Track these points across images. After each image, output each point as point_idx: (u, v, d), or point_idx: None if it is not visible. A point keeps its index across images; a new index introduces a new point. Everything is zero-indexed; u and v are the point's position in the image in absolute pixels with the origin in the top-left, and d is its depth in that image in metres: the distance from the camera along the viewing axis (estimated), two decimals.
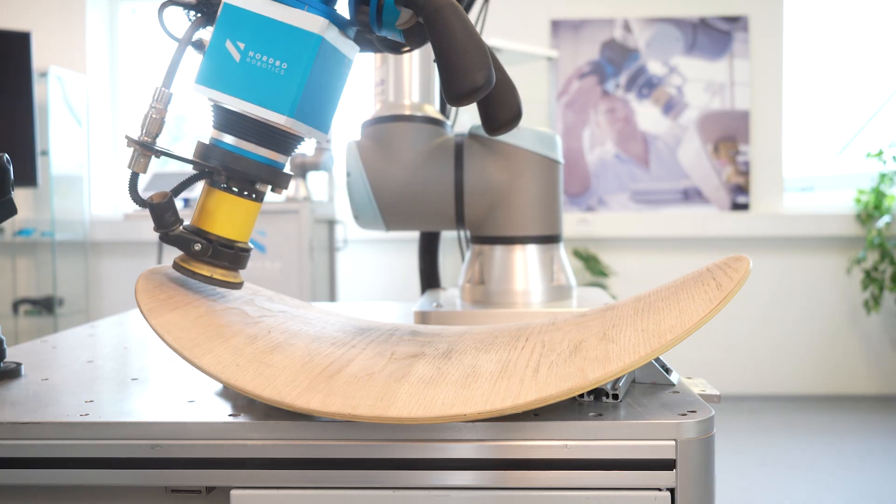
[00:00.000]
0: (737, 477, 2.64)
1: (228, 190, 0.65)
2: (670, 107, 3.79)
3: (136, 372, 0.73)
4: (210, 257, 0.64)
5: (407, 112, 0.93)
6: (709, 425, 0.54)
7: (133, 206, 3.42)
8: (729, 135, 3.77)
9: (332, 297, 3.28)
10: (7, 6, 3.88)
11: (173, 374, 0.72)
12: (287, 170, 0.68)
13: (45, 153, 3.52)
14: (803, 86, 3.88)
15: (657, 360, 0.66)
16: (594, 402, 0.59)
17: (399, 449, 0.54)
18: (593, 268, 3.70)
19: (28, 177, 3.34)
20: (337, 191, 3.49)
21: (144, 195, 0.66)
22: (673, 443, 0.53)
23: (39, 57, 3.68)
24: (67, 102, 3.69)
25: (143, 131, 0.64)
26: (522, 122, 0.95)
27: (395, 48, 0.69)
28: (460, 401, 0.52)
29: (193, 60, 0.68)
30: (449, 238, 1.38)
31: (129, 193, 0.65)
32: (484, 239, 0.94)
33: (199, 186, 0.67)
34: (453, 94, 0.61)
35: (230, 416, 0.57)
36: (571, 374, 0.53)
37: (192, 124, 4.24)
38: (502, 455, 0.54)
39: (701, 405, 0.57)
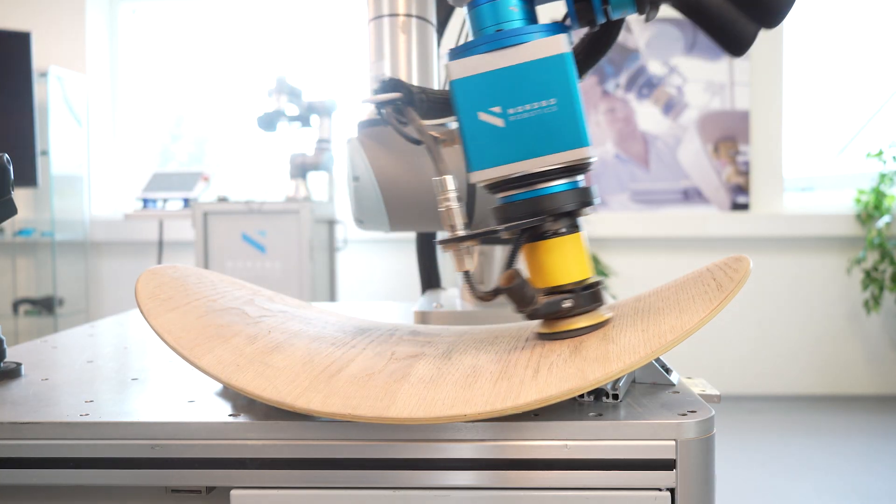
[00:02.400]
0: (737, 477, 2.64)
1: (553, 235, 0.59)
2: (670, 107, 3.79)
3: (136, 372, 0.73)
4: (580, 307, 0.59)
5: None
6: (709, 425, 0.54)
7: (133, 207, 3.42)
8: (729, 135, 3.77)
9: (332, 297, 3.28)
10: (7, 6, 3.88)
11: (173, 374, 0.72)
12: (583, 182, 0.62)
13: (45, 153, 3.52)
14: (803, 86, 3.88)
15: (657, 360, 0.66)
16: (594, 402, 0.59)
17: (399, 449, 0.54)
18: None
19: (28, 177, 3.34)
20: (337, 191, 3.49)
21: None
22: (673, 443, 0.53)
23: (39, 57, 3.68)
24: (67, 102, 3.69)
25: (451, 226, 0.59)
26: None
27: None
28: (461, 401, 0.52)
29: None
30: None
31: (471, 291, 0.60)
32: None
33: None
34: (775, 15, 0.58)
35: (230, 416, 0.57)
36: (571, 375, 0.53)
37: (191, 124, 4.24)
38: (502, 455, 0.54)
39: (701, 405, 0.57)
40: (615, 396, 0.59)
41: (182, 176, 3.36)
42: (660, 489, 0.53)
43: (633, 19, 3.77)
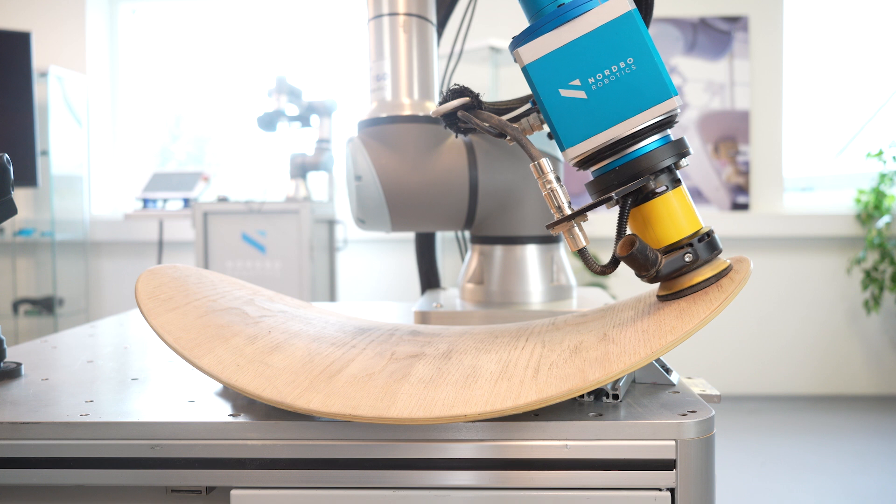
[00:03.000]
0: (737, 477, 2.64)
1: (656, 195, 0.59)
2: None
3: (136, 372, 0.73)
4: (701, 258, 0.58)
5: (409, 111, 0.92)
6: (709, 425, 0.54)
7: (133, 207, 3.41)
8: (729, 135, 3.77)
9: (332, 297, 3.28)
10: (7, 6, 3.88)
11: (173, 374, 0.72)
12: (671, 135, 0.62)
13: (45, 153, 3.52)
14: (803, 86, 3.88)
15: (657, 360, 0.66)
16: (594, 402, 0.58)
17: (399, 449, 0.54)
18: None
19: (28, 177, 3.34)
20: (337, 191, 3.49)
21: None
22: (673, 443, 0.53)
23: (39, 57, 3.68)
24: (67, 102, 3.69)
25: (557, 207, 0.59)
26: None
27: None
28: (460, 401, 0.52)
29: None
30: (449, 237, 1.38)
31: (588, 266, 0.60)
32: (484, 239, 0.94)
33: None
34: None
35: (230, 416, 0.57)
36: (571, 375, 0.53)
37: (191, 124, 4.24)
38: (502, 455, 0.54)
39: (701, 405, 0.57)
40: (615, 396, 0.58)
41: (182, 176, 3.36)
42: (660, 489, 0.53)
43: None
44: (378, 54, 0.92)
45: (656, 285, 0.66)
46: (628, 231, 0.61)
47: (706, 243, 0.59)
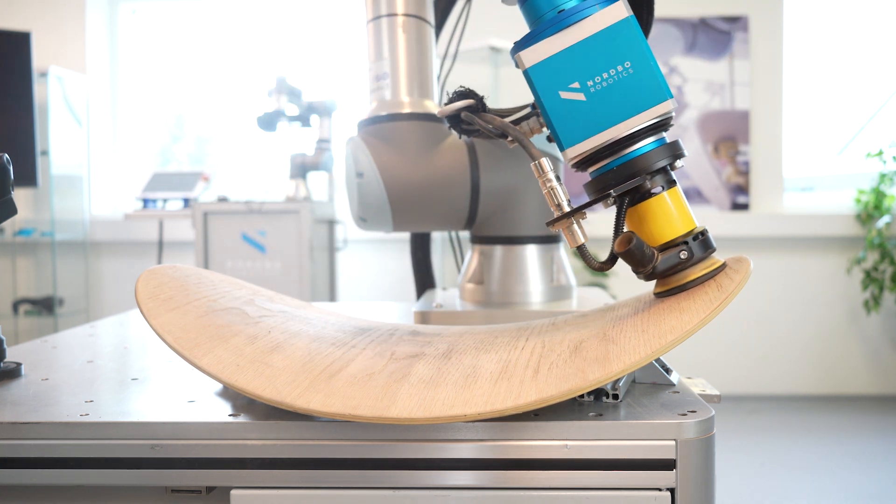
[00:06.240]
0: (737, 477, 2.64)
1: (652, 195, 0.60)
2: None
3: (136, 372, 0.73)
4: (696, 256, 0.59)
5: (408, 109, 0.91)
6: (709, 425, 0.54)
7: (133, 207, 3.41)
8: (729, 135, 3.77)
9: (332, 297, 3.28)
10: (7, 6, 3.88)
11: (173, 374, 0.72)
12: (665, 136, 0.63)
13: (45, 153, 3.52)
14: (803, 86, 3.88)
15: (657, 360, 0.66)
16: (594, 402, 0.59)
17: (399, 449, 0.54)
18: None
19: (28, 177, 3.34)
20: (337, 191, 3.49)
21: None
22: (673, 443, 0.53)
23: (39, 57, 3.68)
24: (67, 102, 3.69)
25: (557, 205, 0.61)
26: None
27: None
28: (460, 401, 0.52)
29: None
30: (445, 237, 1.38)
31: (587, 262, 0.61)
32: (484, 239, 0.94)
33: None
34: None
35: (230, 416, 0.57)
36: (571, 375, 0.53)
37: (191, 124, 4.24)
38: (502, 455, 0.54)
39: (701, 405, 0.57)
40: (615, 396, 0.59)
41: (182, 176, 3.35)
42: (660, 489, 0.53)
43: None
44: (377, 55, 0.92)
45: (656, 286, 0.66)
46: (626, 229, 0.62)
47: (700, 242, 0.60)
